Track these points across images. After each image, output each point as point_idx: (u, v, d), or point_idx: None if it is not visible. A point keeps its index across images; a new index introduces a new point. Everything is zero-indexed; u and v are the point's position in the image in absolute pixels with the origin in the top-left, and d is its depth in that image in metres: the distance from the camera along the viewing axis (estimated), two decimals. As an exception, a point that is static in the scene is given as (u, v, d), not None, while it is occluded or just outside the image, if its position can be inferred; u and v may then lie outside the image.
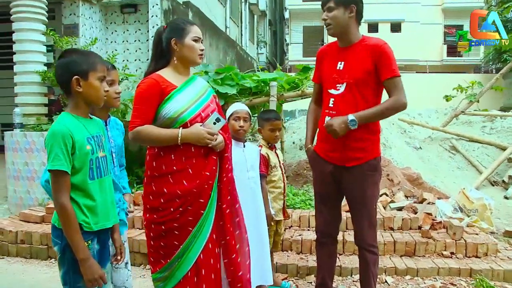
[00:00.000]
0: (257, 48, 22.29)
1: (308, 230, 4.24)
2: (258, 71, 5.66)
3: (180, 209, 2.20)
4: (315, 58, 2.80)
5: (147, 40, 7.50)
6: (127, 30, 7.68)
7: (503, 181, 7.61)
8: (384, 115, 2.53)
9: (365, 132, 2.52)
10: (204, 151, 2.25)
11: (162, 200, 2.22)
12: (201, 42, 2.34)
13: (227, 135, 2.44)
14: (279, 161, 3.21)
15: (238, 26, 17.58)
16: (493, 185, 7.64)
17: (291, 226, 4.32)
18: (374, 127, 2.57)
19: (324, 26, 2.61)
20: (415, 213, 4.54)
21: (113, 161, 2.34)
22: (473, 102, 10.64)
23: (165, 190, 2.22)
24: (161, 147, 2.24)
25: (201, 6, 11.19)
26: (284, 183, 3.21)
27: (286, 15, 30.67)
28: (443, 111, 12.12)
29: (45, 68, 6.28)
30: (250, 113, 2.95)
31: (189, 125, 2.22)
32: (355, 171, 2.54)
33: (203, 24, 9.88)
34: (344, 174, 2.58)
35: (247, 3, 19.24)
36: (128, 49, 7.72)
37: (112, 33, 7.71)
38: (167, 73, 2.30)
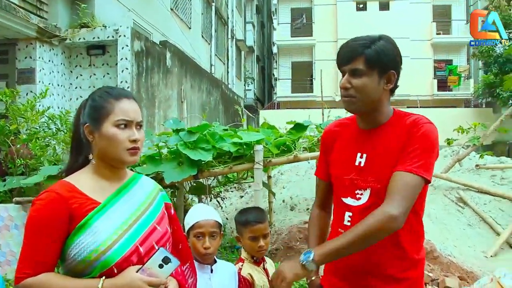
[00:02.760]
0: (244, 85, 21.63)
1: None
2: (241, 125, 4.72)
3: None
4: (302, 94, 1.73)
5: (116, 86, 6.58)
6: (94, 74, 6.73)
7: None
8: (367, 242, 1.42)
9: (405, 261, 1.52)
10: None
11: None
12: (137, 127, 1.39)
13: (188, 263, 1.59)
14: (268, 280, 2.21)
15: (224, 64, 16.93)
16: (512, 247, 6.68)
17: None
18: (415, 248, 1.56)
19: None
20: (440, 311, 3.57)
21: None
22: (476, 145, 9.95)
23: None
24: None
25: (183, 44, 10.45)
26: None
27: (275, 50, 30.31)
28: (442, 153, 11.28)
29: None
30: (221, 223, 1.98)
31: (116, 271, 1.28)
32: None
33: (183, 65, 9.06)
34: None
35: (234, 40, 18.68)
36: (94, 96, 6.74)
37: (77, 77, 6.77)
38: (84, 179, 1.38)
